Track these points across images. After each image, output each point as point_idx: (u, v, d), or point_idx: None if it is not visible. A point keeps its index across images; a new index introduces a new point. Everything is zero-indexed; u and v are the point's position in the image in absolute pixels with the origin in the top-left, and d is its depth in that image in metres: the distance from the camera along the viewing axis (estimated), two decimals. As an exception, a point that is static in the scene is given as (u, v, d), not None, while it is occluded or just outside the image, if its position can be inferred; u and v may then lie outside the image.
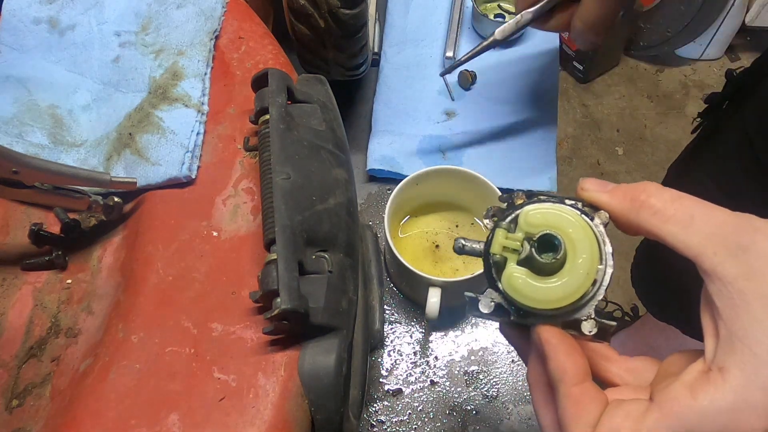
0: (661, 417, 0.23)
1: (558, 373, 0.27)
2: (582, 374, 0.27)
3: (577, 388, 0.26)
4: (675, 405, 0.23)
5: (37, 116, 0.51)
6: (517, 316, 0.29)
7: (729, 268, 0.24)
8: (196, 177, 0.47)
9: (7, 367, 0.42)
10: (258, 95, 0.46)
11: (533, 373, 0.29)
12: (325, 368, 0.38)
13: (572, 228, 0.28)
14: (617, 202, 0.28)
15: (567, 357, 0.27)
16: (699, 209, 0.25)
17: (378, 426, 0.79)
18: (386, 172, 0.96)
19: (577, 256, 0.27)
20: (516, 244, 0.28)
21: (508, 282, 0.28)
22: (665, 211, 0.26)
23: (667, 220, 0.26)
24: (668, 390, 0.24)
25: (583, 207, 0.29)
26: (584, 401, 0.26)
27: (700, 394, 0.23)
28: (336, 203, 0.43)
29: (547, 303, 0.27)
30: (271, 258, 0.37)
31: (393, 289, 0.90)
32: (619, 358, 0.30)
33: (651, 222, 0.26)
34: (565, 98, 1.15)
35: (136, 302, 0.41)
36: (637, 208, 0.27)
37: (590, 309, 0.28)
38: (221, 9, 0.55)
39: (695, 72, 1.22)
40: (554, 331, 0.28)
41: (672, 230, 0.25)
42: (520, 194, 0.30)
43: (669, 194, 0.26)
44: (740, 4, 1.11)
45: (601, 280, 0.28)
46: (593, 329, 0.27)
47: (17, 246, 0.47)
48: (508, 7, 1.08)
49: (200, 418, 0.37)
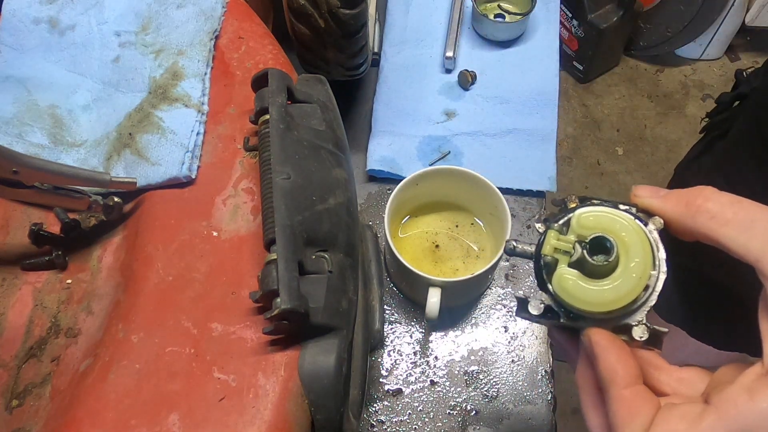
0: (718, 419, 0.23)
1: (609, 374, 0.26)
2: (633, 377, 0.26)
3: (628, 390, 0.26)
4: (732, 407, 0.23)
5: (37, 116, 0.51)
6: (567, 319, 0.29)
7: None
8: (196, 177, 0.47)
9: (7, 367, 0.42)
10: (258, 95, 0.46)
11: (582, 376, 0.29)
12: (325, 368, 0.38)
13: (625, 232, 0.27)
14: (671, 207, 0.28)
15: (617, 359, 0.26)
16: (759, 213, 0.25)
17: (378, 426, 0.79)
18: (386, 173, 0.96)
19: (629, 260, 0.27)
20: (568, 246, 0.28)
21: (558, 283, 0.28)
22: (723, 214, 0.26)
23: (726, 224, 0.25)
24: (725, 392, 0.24)
25: (637, 212, 0.28)
26: (636, 403, 0.25)
27: (758, 396, 0.23)
28: (336, 203, 0.43)
29: (597, 306, 0.27)
30: (271, 258, 0.37)
31: (393, 289, 0.90)
32: (669, 368, 0.29)
33: (708, 226, 0.26)
34: (565, 98, 1.15)
35: (136, 302, 0.41)
36: (693, 213, 0.27)
37: (642, 314, 0.28)
38: (221, 9, 0.55)
39: (695, 72, 1.22)
40: (604, 333, 0.27)
41: (731, 234, 0.25)
42: (573, 198, 0.30)
43: (727, 198, 0.26)
44: (740, 4, 1.11)
45: (653, 285, 0.27)
46: (644, 335, 0.27)
47: (17, 246, 0.47)
48: (508, 7, 1.08)
49: (200, 418, 0.37)
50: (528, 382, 0.81)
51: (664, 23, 1.15)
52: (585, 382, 0.29)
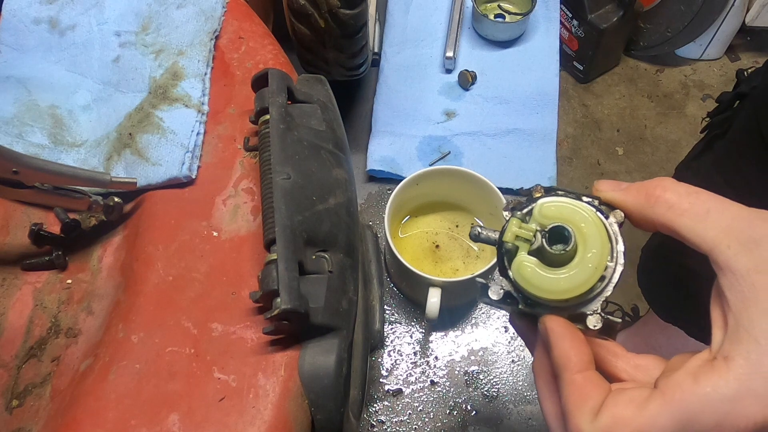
0: (664, 403, 0.24)
1: (562, 360, 0.27)
2: (586, 363, 0.27)
3: (580, 375, 0.26)
4: (678, 391, 0.24)
5: (37, 116, 0.51)
6: (525, 305, 0.29)
7: (742, 261, 0.24)
8: (196, 177, 0.47)
9: (7, 367, 0.42)
10: (258, 95, 0.46)
11: (538, 363, 0.29)
12: (325, 368, 0.38)
13: (584, 223, 0.28)
14: (632, 198, 0.28)
15: (571, 345, 0.27)
16: (714, 203, 0.26)
17: (378, 426, 0.79)
18: (386, 173, 0.96)
19: (587, 251, 0.28)
20: (528, 234, 0.28)
21: (517, 270, 0.28)
22: (680, 204, 0.26)
23: (682, 214, 0.26)
24: (672, 377, 0.24)
25: (599, 205, 0.29)
26: (587, 388, 0.26)
27: (703, 381, 0.23)
28: (336, 203, 0.43)
29: (553, 293, 0.28)
30: (271, 258, 0.37)
31: (393, 289, 0.90)
32: (626, 355, 0.30)
33: (666, 216, 0.26)
34: (565, 98, 1.15)
35: (136, 302, 0.41)
36: (652, 203, 0.27)
37: (597, 304, 0.28)
38: (221, 9, 0.55)
39: (695, 72, 1.22)
40: (559, 320, 0.28)
41: (687, 223, 0.26)
42: (539, 188, 0.30)
43: (684, 188, 0.27)
44: (740, 4, 1.11)
45: (610, 276, 0.28)
46: (598, 324, 0.28)
47: (17, 246, 0.47)
48: (509, 7, 1.08)
49: (200, 418, 0.37)
50: (528, 382, 0.81)
51: (664, 23, 1.15)
52: (541, 370, 0.29)
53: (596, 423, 0.25)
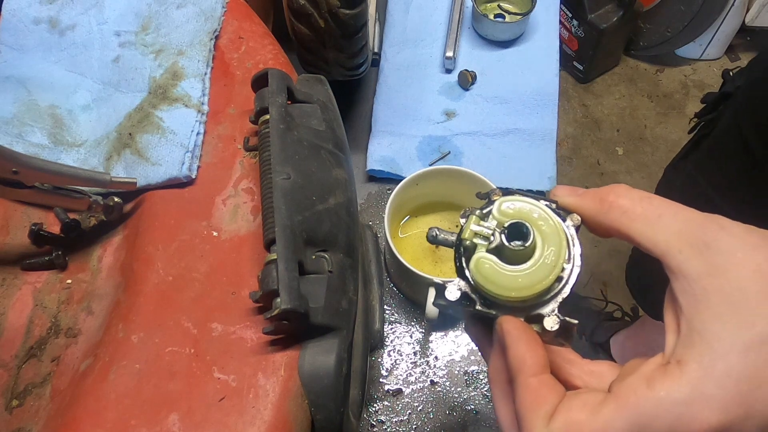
0: (617, 407, 0.24)
1: (517, 362, 0.27)
2: (541, 366, 0.26)
3: (535, 378, 0.26)
4: (632, 395, 0.24)
5: (37, 116, 0.51)
6: (482, 305, 0.29)
7: (693, 265, 0.24)
8: (196, 177, 0.47)
9: (7, 367, 0.42)
10: (258, 95, 0.46)
11: (494, 368, 0.29)
12: (325, 368, 0.38)
13: (543, 221, 0.28)
14: (587, 204, 0.28)
15: (527, 348, 0.27)
16: (667, 208, 0.26)
17: (378, 426, 0.79)
18: (386, 173, 0.96)
19: (545, 249, 0.28)
20: (487, 231, 0.29)
21: (476, 267, 0.28)
22: (633, 210, 0.26)
23: (635, 219, 0.26)
24: (626, 382, 0.24)
25: (557, 208, 0.29)
26: (542, 391, 0.26)
27: (656, 385, 0.23)
28: (336, 203, 0.43)
29: (511, 290, 0.28)
30: (271, 258, 0.37)
31: (393, 289, 0.90)
32: (581, 361, 0.30)
33: (620, 221, 0.27)
34: (565, 98, 1.15)
35: (136, 302, 0.41)
36: (606, 209, 0.27)
37: (554, 305, 0.28)
38: (221, 9, 0.55)
39: (695, 72, 1.22)
40: (516, 322, 0.28)
41: (639, 228, 0.26)
42: (497, 191, 0.30)
43: (637, 194, 0.27)
44: (740, 4, 1.11)
45: (567, 278, 0.28)
46: (555, 325, 0.28)
47: (17, 246, 0.47)
48: (508, 7, 1.08)
49: (200, 418, 0.37)
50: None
51: (664, 23, 1.15)
52: (497, 375, 0.29)
53: (550, 427, 0.24)
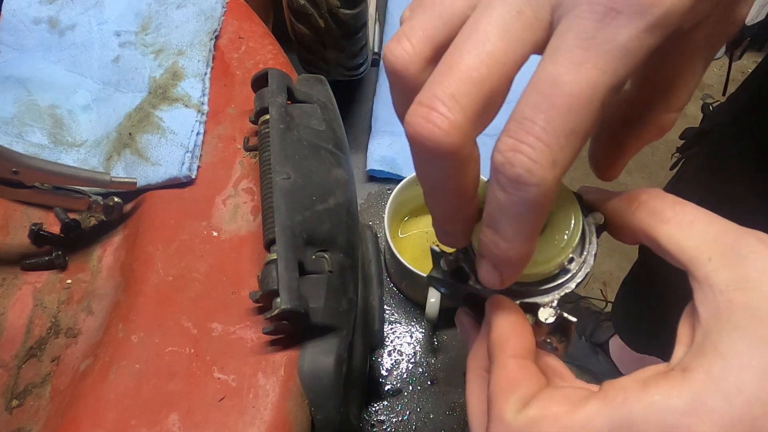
0: (603, 405, 0.21)
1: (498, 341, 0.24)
2: (525, 350, 0.24)
3: (514, 360, 0.24)
4: (621, 394, 0.21)
5: (37, 116, 0.51)
6: (476, 281, 0.27)
7: (722, 275, 0.22)
8: (196, 177, 0.47)
9: (7, 367, 0.42)
10: (258, 95, 0.46)
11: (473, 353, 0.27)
12: (325, 368, 0.38)
13: (564, 204, 0.26)
14: (615, 202, 0.27)
15: (512, 329, 0.24)
16: (700, 215, 0.24)
17: (378, 426, 0.79)
18: (386, 173, 0.96)
19: (557, 231, 0.26)
20: None
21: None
22: (664, 212, 0.24)
23: (665, 222, 0.24)
24: (617, 382, 0.22)
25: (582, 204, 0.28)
26: (520, 374, 0.23)
27: (652, 388, 0.21)
28: (336, 203, 0.43)
29: None
30: (271, 258, 0.37)
31: (393, 289, 0.90)
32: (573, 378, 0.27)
33: (647, 222, 0.25)
34: (565, 98, 1.15)
35: (136, 302, 0.41)
36: (635, 208, 0.25)
37: (554, 296, 0.26)
38: (221, 9, 0.55)
39: (695, 72, 1.23)
40: (508, 302, 0.26)
41: (668, 232, 0.24)
42: None
43: (670, 198, 0.25)
44: (740, 4, 1.11)
45: (574, 272, 0.26)
46: (551, 318, 0.26)
47: (17, 246, 0.47)
48: (508, 7, 1.08)
49: (200, 418, 0.37)
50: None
51: (664, 23, 1.15)
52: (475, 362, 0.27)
53: (522, 413, 0.22)
